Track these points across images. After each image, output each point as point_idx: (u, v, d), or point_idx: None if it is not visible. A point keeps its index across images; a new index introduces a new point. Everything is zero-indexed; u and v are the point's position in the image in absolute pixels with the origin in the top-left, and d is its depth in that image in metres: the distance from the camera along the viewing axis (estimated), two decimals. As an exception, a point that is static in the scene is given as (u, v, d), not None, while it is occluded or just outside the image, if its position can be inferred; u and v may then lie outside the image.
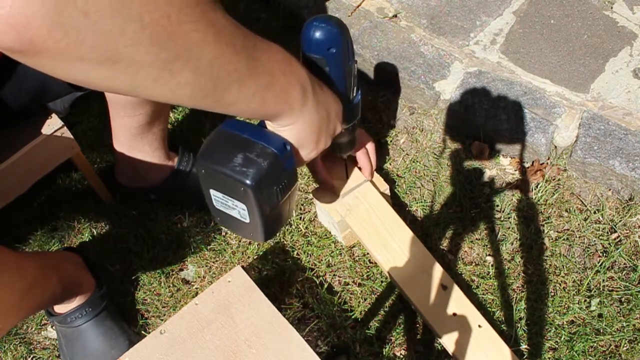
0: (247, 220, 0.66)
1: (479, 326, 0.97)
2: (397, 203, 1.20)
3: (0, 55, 0.84)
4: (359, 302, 1.10)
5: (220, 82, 0.48)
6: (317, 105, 0.62)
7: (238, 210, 0.66)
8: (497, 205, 1.19)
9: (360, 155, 1.05)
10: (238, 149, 0.63)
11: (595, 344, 1.03)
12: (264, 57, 0.52)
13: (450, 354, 0.97)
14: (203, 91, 0.48)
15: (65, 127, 1.02)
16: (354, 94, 0.83)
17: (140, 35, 0.40)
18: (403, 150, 1.27)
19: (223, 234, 1.19)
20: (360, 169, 1.07)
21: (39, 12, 0.35)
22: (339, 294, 1.11)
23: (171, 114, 1.36)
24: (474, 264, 1.13)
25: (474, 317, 0.98)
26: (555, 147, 1.21)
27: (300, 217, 1.20)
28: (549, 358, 1.03)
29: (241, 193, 0.62)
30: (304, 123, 0.62)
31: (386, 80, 1.34)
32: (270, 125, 0.64)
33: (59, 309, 1.03)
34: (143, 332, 1.10)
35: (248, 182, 0.61)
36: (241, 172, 0.61)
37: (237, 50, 0.48)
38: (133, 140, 1.09)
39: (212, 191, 0.66)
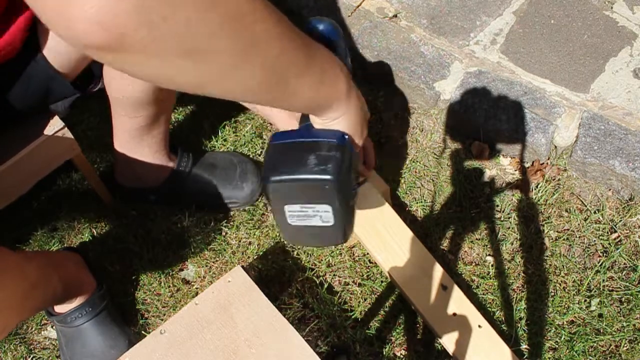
0: (331, 223, 0.64)
1: (479, 326, 0.97)
2: (397, 203, 1.20)
3: (7, 57, 0.85)
4: (359, 302, 1.10)
5: (283, 75, 0.51)
6: (358, 96, 0.65)
7: (319, 215, 0.64)
8: (497, 205, 1.19)
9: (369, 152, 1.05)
10: (305, 152, 0.62)
11: (595, 344, 1.03)
12: (316, 53, 0.56)
13: (450, 354, 0.97)
14: (269, 84, 0.50)
15: (66, 128, 1.02)
16: None
17: (219, 28, 0.42)
18: (403, 150, 1.27)
19: (223, 234, 1.19)
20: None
21: (125, 10, 0.37)
22: (339, 294, 1.11)
23: (171, 114, 1.36)
24: (474, 264, 1.13)
25: (474, 317, 0.98)
26: (555, 147, 1.21)
27: (300, 217, 1.20)
28: (549, 358, 1.03)
29: (324, 192, 0.61)
30: (351, 114, 0.64)
31: (386, 81, 1.34)
32: (319, 123, 0.64)
33: (59, 308, 1.03)
34: (143, 332, 1.11)
35: (330, 177, 0.60)
36: (320, 170, 0.60)
37: (296, 47, 0.52)
38: (133, 141, 1.09)
39: (287, 207, 0.64)
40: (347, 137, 0.64)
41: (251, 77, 0.48)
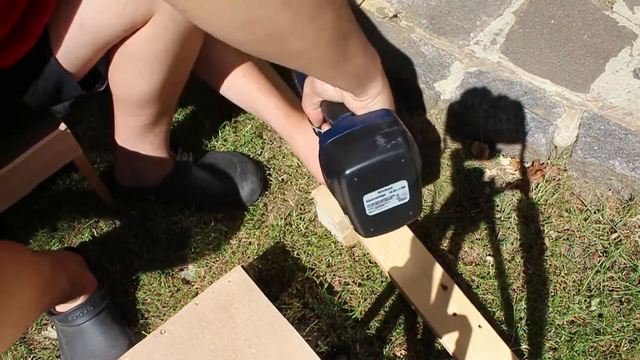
0: (407, 198, 0.64)
1: (479, 326, 0.97)
2: (397, 203, 1.20)
3: (19, 56, 0.85)
4: (359, 302, 1.10)
5: (345, 27, 0.52)
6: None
7: (396, 194, 0.64)
8: (497, 205, 1.19)
9: None
10: (368, 136, 0.61)
11: (595, 344, 1.03)
12: (356, 28, 0.56)
13: (451, 354, 0.97)
14: (337, 35, 0.50)
15: (68, 130, 1.02)
16: None
17: None
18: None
19: (223, 234, 1.19)
20: None
21: None
22: (339, 294, 1.11)
23: (171, 114, 1.36)
24: (474, 264, 1.13)
25: (474, 317, 0.98)
26: (556, 147, 1.21)
27: (301, 217, 1.20)
28: (549, 358, 1.03)
29: (401, 168, 0.61)
30: (387, 90, 0.64)
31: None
32: (360, 106, 0.64)
33: (60, 307, 1.03)
34: (143, 332, 1.11)
35: (404, 150, 0.60)
36: (393, 146, 0.60)
37: (348, 7, 0.52)
38: (136, 139, 1.09)
39: (365, 198, 0.63)
40: (392, 111, 0.64)
41: (327, 23, 0.48)
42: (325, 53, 0.52)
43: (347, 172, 0.60)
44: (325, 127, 0.77)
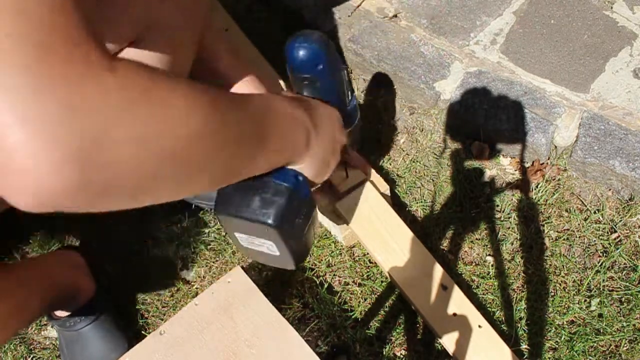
0: (277, 253, 0.67)
1: (479, 326, 0.97)
2: (397, 203, 1.20)
3: None
4: (359, 302, 1.10)
5: (234, 170, 0.50)
6: (322, 137, 0.64)
7: (266, 246, 0.66)
8: (497, 205, 1.19)
9: (352, 155, 1.05)
10: (253, 191, 0.63)
11: (595, 344, 1.03)
12: (272, 122, 0.54)
13: (451, 354, 0.97)
14: (221, 182, 0.50)
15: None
16: (349, 98, 0.83)
17: (161, 167, 0.40)
18: (403, 150, 1.27)
19: (223, 234, 1.19)
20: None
21: (65, 185, 0.34)
22: (339, 294, 1.11)
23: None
24: (474, 264, 1.13)
25: (474, 317, 0.98)
26: (555, 147, 1.21)
27: (300, 217, 1.20)
28: (549, 358, 1.03)
29: (266, 233, 0.63)
30: (313, 160, 0.64)
31: (386, 80, 1.34)
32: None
33: (59, 313, 1.02)
34: (143, 332, 1.11)
35: (271, 222, 0.61)
36: (262, 214, 0.61)
37: (245, 137, 0.49)
38: None
39: (236, 234, 0.66)
40: (301, 178, 0.64)
41: (204, 184, 0.47)
42: (219, 185, 0.51)
43: (218, 209, 0.63)
44: None
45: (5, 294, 0.80)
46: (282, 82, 1.28)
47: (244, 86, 1.08)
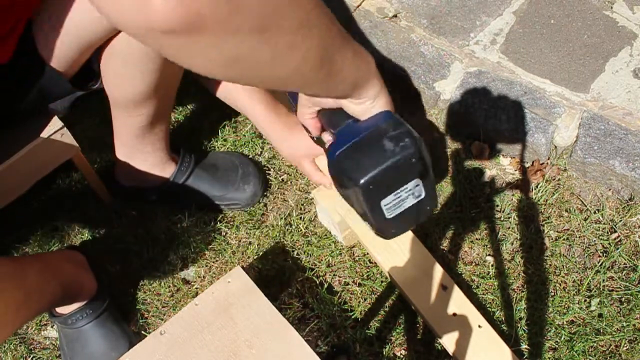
0: (423, 195, 0.65)
1: (479, 326, 0.97)
2: (397, 203, 1.20)
3: (7, 57, 0.85)
4: (359, 302, 1.10)
5: (330, 48, 0.52)
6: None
7: (412, 193, 0.64)
8: (497, 205, 1.19)
9: None
10: (376, 142, 0.62)
11: (595, 344, 1.03)
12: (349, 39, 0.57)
13: (451, 354, 0.97)
14: (321, 59, 0.51)
15: (65, 128, 1.02)
16: None
17: (284, 3, 0.43)
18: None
19: (223, 234, 1.19)
20: None
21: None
22: (339, 294, 1.11)
23: (171, 114, 1.36)
24: (474, 264, 1.13)
25: (474, 317, 0.98)
26: (555, 147, 1.21)
27: (300, 217, 1.20)
28: (549, 358, 1.03)
29: (413, 167, 0.62)
30: (385, 90, 0.65)
31: (386, 80, 1.34)
32: (361, 111, 0.64)
33: (61, 310, 1.03)
34: (143, 332, 1.11)
35: (412, 150, 0.61)
36: (402, 148, 0.61)
37: (334, 22, 0.52)
38: (135, 140, 1.09)
39: (382, 202, 0.64)
40: (394, 113, 0.65)
41: (310, 49, 0.49)
42: (311, 76, 0.52)
43: (362, 181, 0.60)
44: (326, 135, 0.77)
45: (19, 281, 0.81)
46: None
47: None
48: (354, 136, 0.63)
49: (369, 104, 0.64)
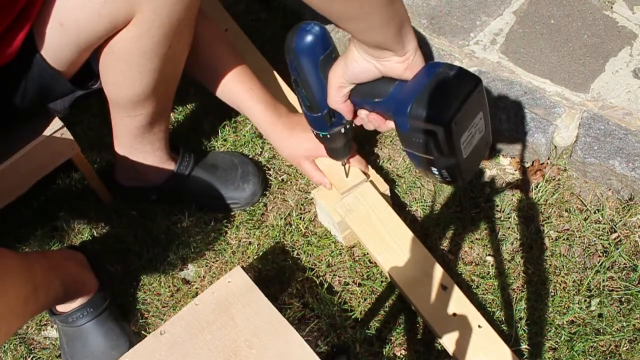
0: (484, 129, 0.69)
1: (479, 326, 0.97)
2: (397, 203, 1.20)
3: (10, 57, 0.85)
4: (359, 302, 1.10)
5: None
6: None
7: (477, 127, 0.68)
8: (497, 205, 1.19)
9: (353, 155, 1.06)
10: (442, 86, 0.65)
11: (595, 344, 1.03)
12: None
13: (450, 354, 0.97)
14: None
15: (65, 128, 1.02)
16: None
17: None
18: (403, 151, 1.27)
19: (223, 234, 1.19)
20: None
21: None
22: (339, 294, 1.11)
23: (171, 115, 1.36)
24: (474, 264, 1.13)
25: (474, 317, 0.98)
26: (555, 147, 1.21)
27: (300, 217, 1.20)
28: (549, 358, 1.03)
29: (480, 98, 0.66)
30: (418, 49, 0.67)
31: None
32: (405, 67, 0.67)
33: (61, 308, 1.03)
34: (143, 332, 1.11)
35: (478, 82, 0.65)
36: (469, 83, 0.64)
37: None
38: (134, 140, 1.09)
39: (461, 140, 0.66)
40: (437, 62, 0.68)
41: None
42: (379, 13, 0.56)
43: (447, 119, 0.63)
44: (363, 113, 0.79)
45: (28, 275, 0.81)
46: (281, 83, 1.28)
47: (237, 76, 1.08)
48: (418, 87, 0.66)
49: (411, 57, 0.66)
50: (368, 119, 0.80)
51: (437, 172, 0.71)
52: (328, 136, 0.94)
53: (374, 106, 0.74)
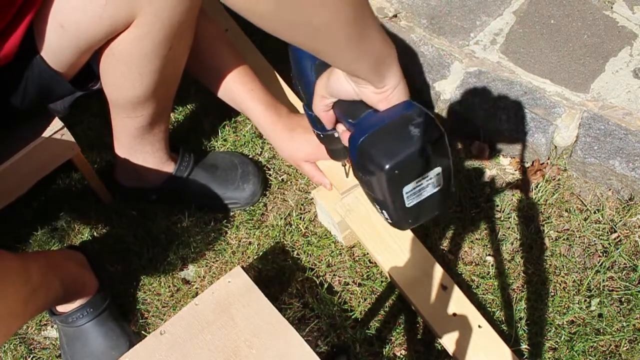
0: (442, 184, 0.66)
1: (479, 326, 0.97)
2: (397, 203, 1.20)
3: (7, 60, 0.85)
4: (359, 302, 1.10)
5: (364, 8, 0.54)
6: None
7: (432, 181, 0.65)
8: (497, 205, 1.19)
9: None
10: (401, 129, 0.62)
11: (595, 344, 1.03)
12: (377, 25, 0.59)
13: (450, 354, 0.97)
14: (355, 14, 0.53)
15: (65, 128, 1.02)
16: None
17: None
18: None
19: (223, 234, 1.19)
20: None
21: None
22: (339, 294, 1.11)
23: (171, 115, 1.36)
24: (474, 264, 1.13)
25: (474, 317, 0.98)
26: (555, 147, 1.21)
27: (300, 217, 1.20)
28: (549, 358, 1.03)
29: (436, 153, 0.63)
30: (404, 80, 0.66)
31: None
32: (381, 98, 0.65)
33: (61, 308, 1.03)
34: (143, 332, 1.11)
35: (438, 135, 0.63)
36: (428, 135, 0.62)
37: (366, 6, 0.55)
38: (134, 141, 1.09)
39: (404, 190, 0.64)
40: (414, 102, 0.66)
41: (341, 3, 0.50)
42: (345, 29, 0.53)
43: (387, 166, 0.61)
44: (340, 127, 0.77)
45: (27, 276, 0.81)
46: (282, 82, 1.28)
47: (238, 76, 1.08)
48: (379, 123, 0.64)
49: (389, 92, 0.64)
50: (342, 135, 0.79)
51: (379, 211, 0.69)
52: (327, 136, 0.94)
53: (348, 125, 0.73)
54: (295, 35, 0.53)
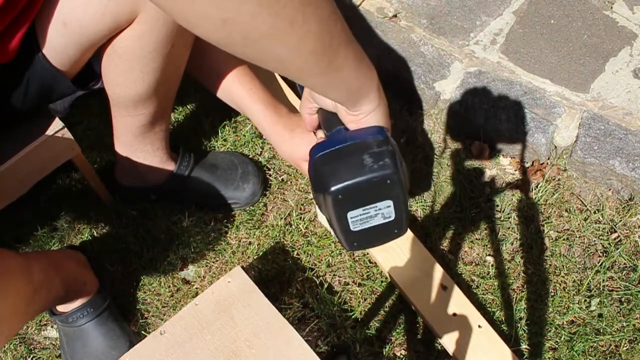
0: (392, 217, 0.64)
1: (479, 326, 0.97)
2: (397, 203, 1.20)
3: (8, 57, 0.85)
4: (359, 302, 1.10)
5: (334, 38, 0.51)
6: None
7: (381, 212, 0.64)
8: (497, 205, 1.19)
9: None
10: (357, 154, 0.61)
11: (595, 344, 1.03)
12: (355, 45, 0.56)
13: (451, 354, 0.98)
14: (322, 45, 0.50)
15: (65, 129, 1.02)
16: None
17: None
18: (403, 151, 1.27)
19: (223, 234, 1.19)
20: None
21: None
22: (339, 294, 1.11)
23: (171, 114, 1.36)
24: (474, 264, 1.13)
25: (474, 317, 0.98)
26: (555, 147, 1.21)
27: (300, 217, 1.20)
28: (549, 358, 1.03)
29: (386, 188, 0.61)
30: (383, 105, 0.63)
31: (386, 80, 1.34)
32: (353, 121, 0.64)
33: (61, 308, 1.03)
34: (143, 332, 1.11)
35: (391, 171, 0.59)
36: (380, 167, 0.59)
37: (340, 19, 0.52)
38: (135, 140, 1.09)
39: (349, 215, 0.63)
40: (385, 129, 0.63)
41: (311, 32, 0.48)
42: (309, 62, 0.51)
43: (332, 188, 0.60)
44: (319, 133, 0.77)
45: (29, 276, 0.81)
46: (282, 83, 1.28)
47: (238, 76, 1.08)
48: (339, 143, 0.62)
49: (362, 117, 0.63)
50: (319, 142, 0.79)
51: (330, 227, 0.68)
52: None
53: (323, 135, 0.73)
54: (266, 64, 0.51)
